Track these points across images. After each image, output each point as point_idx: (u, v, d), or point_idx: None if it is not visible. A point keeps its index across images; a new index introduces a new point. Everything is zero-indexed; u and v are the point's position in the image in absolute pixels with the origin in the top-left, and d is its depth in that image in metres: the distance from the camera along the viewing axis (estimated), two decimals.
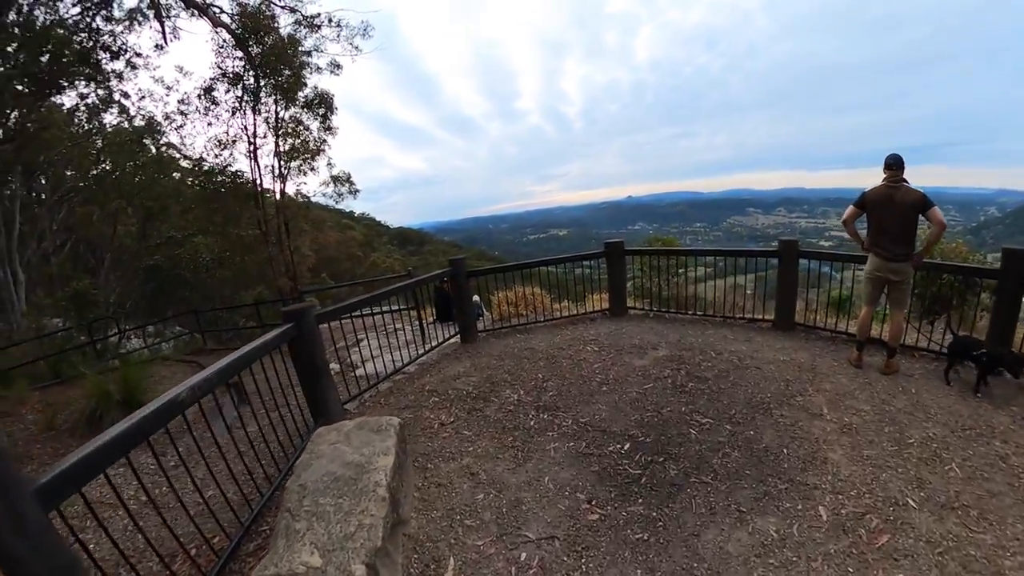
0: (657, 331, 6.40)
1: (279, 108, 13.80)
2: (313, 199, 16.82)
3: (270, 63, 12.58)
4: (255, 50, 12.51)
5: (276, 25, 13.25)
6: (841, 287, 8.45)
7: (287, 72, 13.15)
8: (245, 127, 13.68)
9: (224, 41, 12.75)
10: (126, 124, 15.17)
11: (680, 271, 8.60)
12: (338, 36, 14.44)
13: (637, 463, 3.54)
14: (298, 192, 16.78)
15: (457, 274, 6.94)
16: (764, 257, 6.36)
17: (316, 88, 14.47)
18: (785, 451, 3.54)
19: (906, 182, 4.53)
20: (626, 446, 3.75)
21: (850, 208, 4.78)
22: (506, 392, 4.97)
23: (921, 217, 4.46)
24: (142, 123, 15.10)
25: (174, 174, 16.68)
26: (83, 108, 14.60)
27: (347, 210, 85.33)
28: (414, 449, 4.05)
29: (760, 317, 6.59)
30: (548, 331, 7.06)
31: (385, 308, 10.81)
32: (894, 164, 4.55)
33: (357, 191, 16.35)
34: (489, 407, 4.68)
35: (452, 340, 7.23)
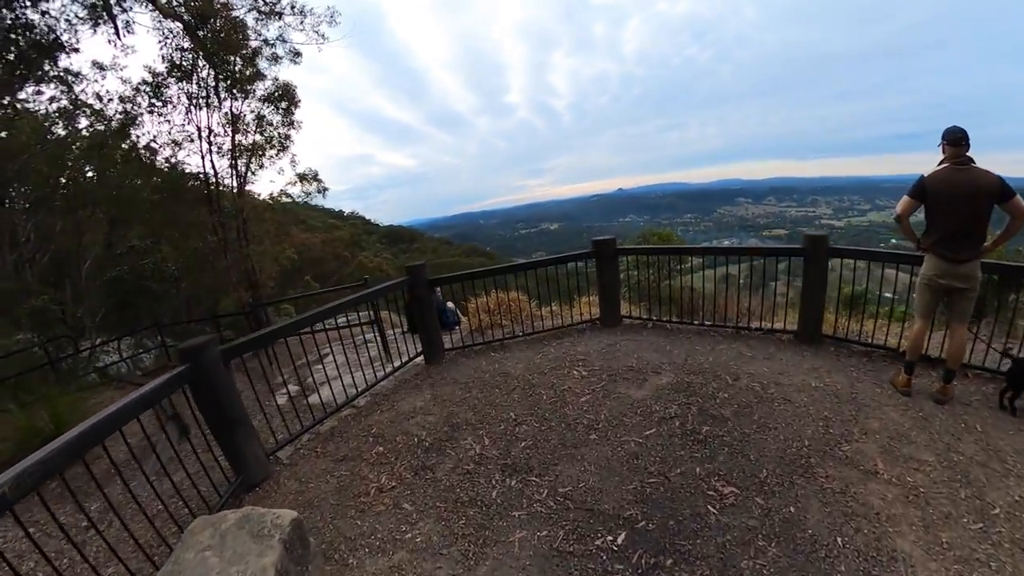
0: (658, 347, 5.35)
1: (235, 102, 12.61)
2: (285, 200, 15.59)
3: (219, 48, 11.34)
4: (204, 34, 11.30)
5: (230, 12, 12.08)
6: (854, 283, 7.47)
7: (239, 62, 11.95)
8: (198, 125, 12.49)
9: (170, 31, 11.58)
10: (102, 128, 13.94)
11: (679, 267, 7.61)
12: (302, 23, 13.29)
13: (636, 570, 2.49)
14: (271, 195, 15.60)
15: (415, 283, 5.88)
16: (788, 256, 5.26)
17: (277, 80, 13.27)
18: (839, 540, 2.51)
19: (972, 162, 3.49)
20: (620, 537, 2.69)
21: (904, 199, 3.71)
22: (467, 441, 3.91)
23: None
24: (116, 126, 13.87)
25: (136, 180, 15.41)
26: (53, 113, 13.61)
27: (336, 209, 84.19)
28: (339, 529, 3.02)
29: (780, 327, 5.51)
30: (528, 348, 6.00)
31: (350, 320, 9.80)
32: (959, 139, 3.50)
33: (325, 189, 15.12)
34: (443, 465, 3.63)
35: (417, 359, 6.19)
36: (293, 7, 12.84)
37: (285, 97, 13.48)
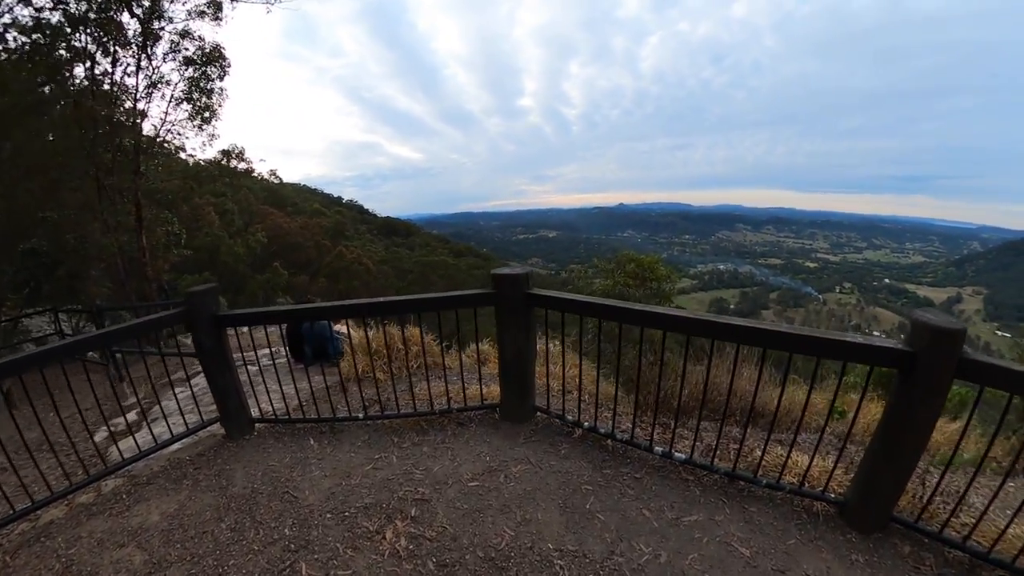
0: (570, 500, 2.77)
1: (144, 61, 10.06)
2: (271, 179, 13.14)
3: None
4: None
5: None
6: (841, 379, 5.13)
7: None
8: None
9: None
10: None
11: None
12: None
13: None
14: (196, 161, 12.98)
15: (195, 316, 3.50)
16: (879, 365, 2.34)
17: (198, 39, 10.66)
18: None
19: None
20: None
21: None
22: None
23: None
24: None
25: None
26: None
27: (335, 195, 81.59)
28: None
29: (813, 488, 2.70)
30: (369, 443, 3.53)
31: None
32: None
33: (251, 169, 12.69)
34: None
35: (215, 426, 3.97)
36: None
37: (209, 60, 10.93)
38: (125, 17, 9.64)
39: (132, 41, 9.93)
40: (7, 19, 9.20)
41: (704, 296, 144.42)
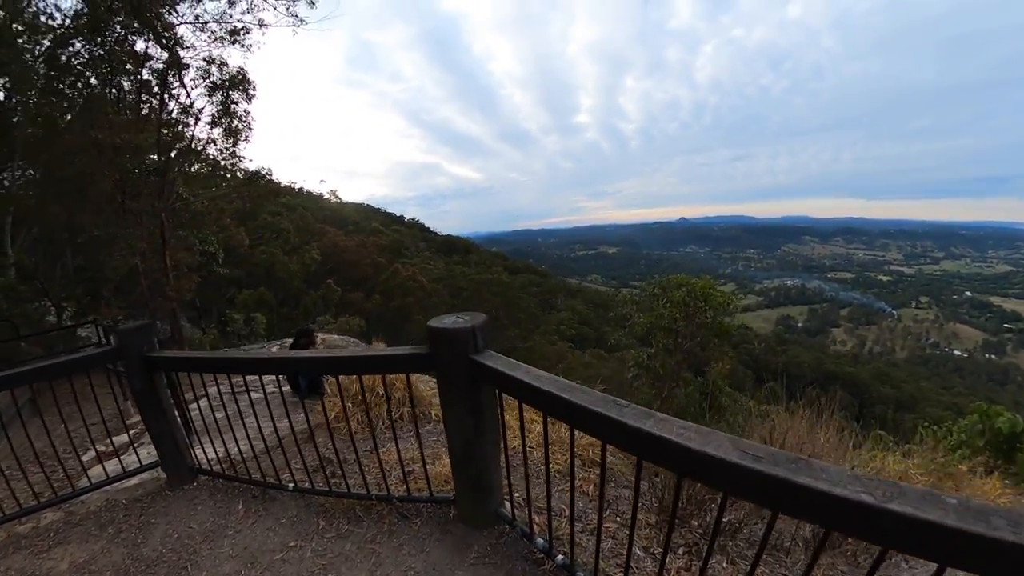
0: None
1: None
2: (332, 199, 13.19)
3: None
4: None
5: None
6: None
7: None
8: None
9: None
10: None
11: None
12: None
13: None
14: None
15: (125, 355, 3.22)
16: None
17: (222, 66, 10.49)
18: None
19: None
20: None
21: None
22: None
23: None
24: None
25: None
26: None
27: (397, 214, 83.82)
28: None
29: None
30: (287, 524, 2.90)
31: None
32: None
33: (278, 191, 12.50)
34: None
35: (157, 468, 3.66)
36: None
37: (235, 85, 10.75)
38: (140, 45, 9.58)
39: (158, 70, 9.88)
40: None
41: (770, 313, 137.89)
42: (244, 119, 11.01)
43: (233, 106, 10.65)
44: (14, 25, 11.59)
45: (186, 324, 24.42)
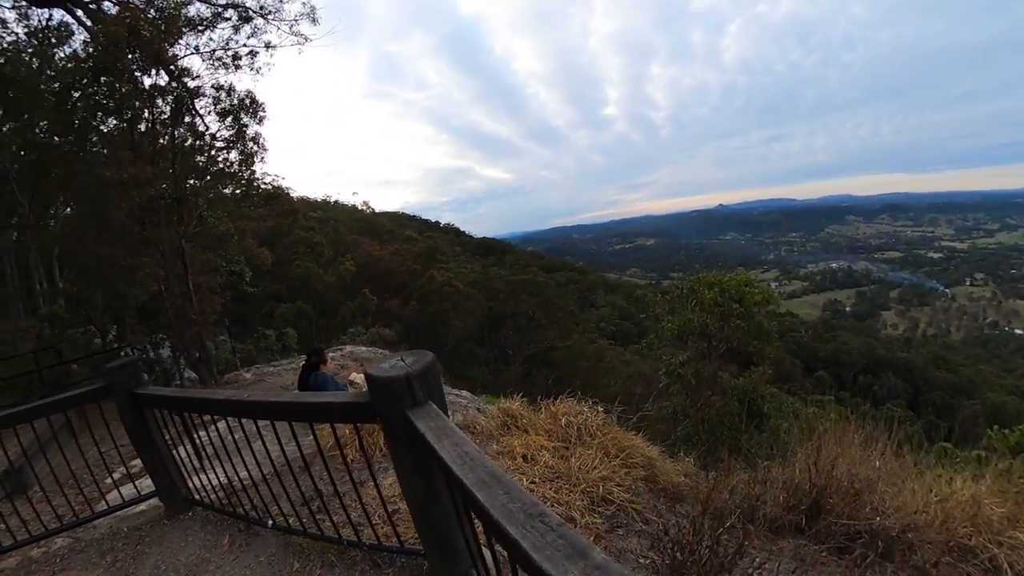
0: None
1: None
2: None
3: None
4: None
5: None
6: None
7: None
8: None
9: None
10: None
11: None
12: (275, 20, 10.84)
13: None
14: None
15: (115, 392, 3.40)
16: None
17: (231, 91, 10.61)
18: None
19: None
20: None
21: None
22: None
23: None
24: None
25: None
26: None
27: (432, 220, 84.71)
28: None
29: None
30: (265, 563, 2.91)
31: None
32: None
33: (296, 209, 12.68)
34: None
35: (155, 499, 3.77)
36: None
37: (243, 109, 10.83)
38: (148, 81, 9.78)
39: (169, 102, 10.07)
40: None
41: (816, 299, 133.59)
42: (257, 141, 11.07)
43: (244, 129, 10.73)
44: (48, 70, 12.21)
45: (226, 340, 25.08)
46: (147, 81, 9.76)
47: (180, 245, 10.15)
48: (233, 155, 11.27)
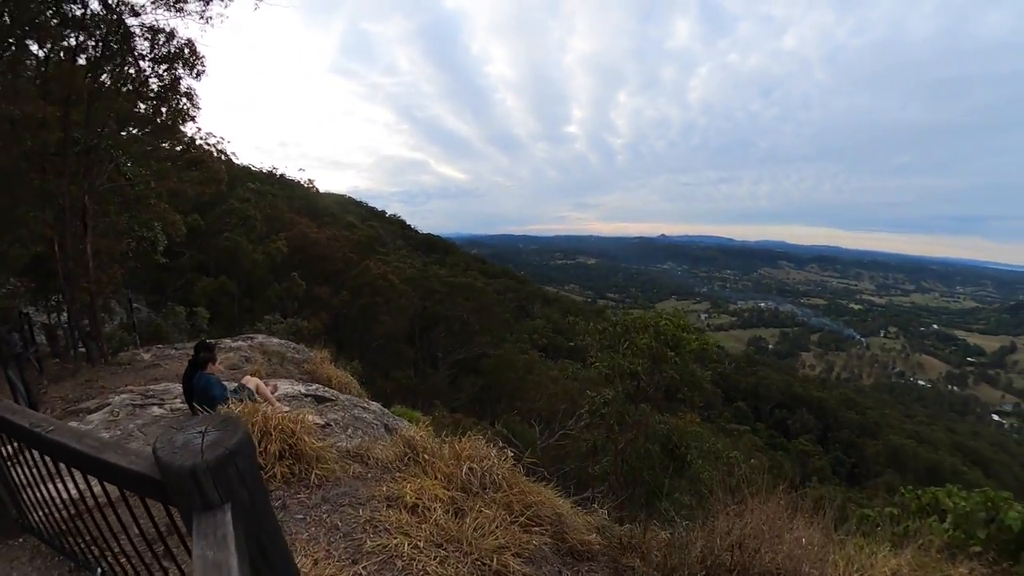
0: None
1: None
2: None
3: None
4: None
5: None
6: None
7: None
8: None
9: None
10: None
11: None
12: None
13: None
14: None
15: None
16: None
17: (170, 34, 9.48)
18: None
19: None
20: None
21: None
22: None
23: None
24: None
25: None
26: None
27: (379, 209, 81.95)
28: None
29: None
30: None
31: None
32: None
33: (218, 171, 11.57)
34: None
35: None
36: None
37: (180, 60, 9.74)
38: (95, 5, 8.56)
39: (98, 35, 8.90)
40: None
41: (742, 333, 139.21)
42: (191, 97, 10.05)
43: (178, 83, 9.68)
44: None
45: (144, 309, 23.13)
46: (76, 10, 8.59)
47: (83, 201, 8.99)
48: (163, 109, 10.22)
